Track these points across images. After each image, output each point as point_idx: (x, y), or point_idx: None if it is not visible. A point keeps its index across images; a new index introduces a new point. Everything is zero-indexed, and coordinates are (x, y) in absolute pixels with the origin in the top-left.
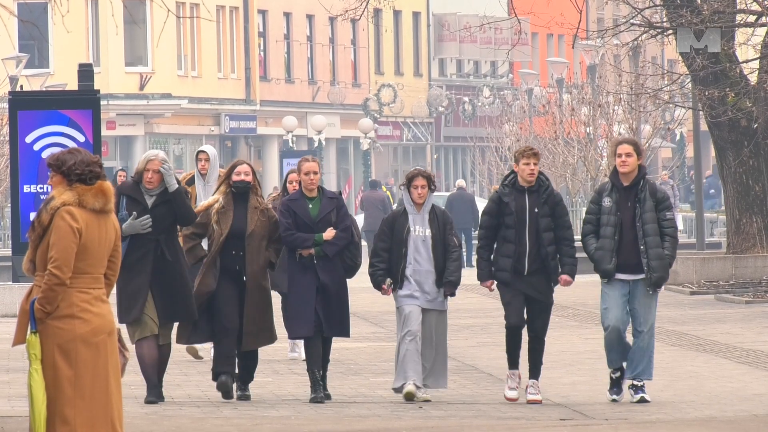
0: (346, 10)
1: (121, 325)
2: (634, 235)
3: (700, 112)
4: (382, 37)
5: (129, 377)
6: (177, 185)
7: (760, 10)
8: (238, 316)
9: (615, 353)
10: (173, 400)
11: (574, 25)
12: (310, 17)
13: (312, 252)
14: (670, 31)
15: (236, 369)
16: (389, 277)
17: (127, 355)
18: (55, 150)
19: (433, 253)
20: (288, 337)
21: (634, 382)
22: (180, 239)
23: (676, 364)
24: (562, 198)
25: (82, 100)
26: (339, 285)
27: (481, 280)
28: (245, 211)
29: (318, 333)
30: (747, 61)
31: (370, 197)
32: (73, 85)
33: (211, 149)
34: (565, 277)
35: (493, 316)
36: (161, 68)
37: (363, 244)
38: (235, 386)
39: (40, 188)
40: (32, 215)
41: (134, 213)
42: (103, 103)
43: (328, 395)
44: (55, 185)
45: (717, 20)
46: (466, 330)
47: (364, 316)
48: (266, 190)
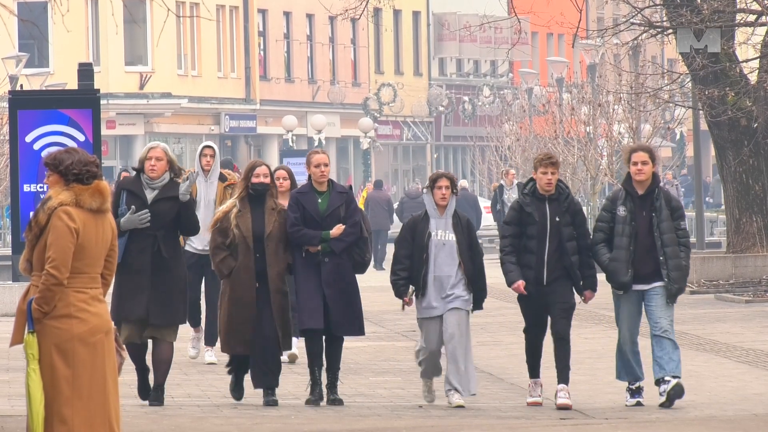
0: (346, 10)
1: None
2: (650, 243)
3: (700, 112)
4: (382, 37)
5: (129, 377)
6: (189, 197)
7: (760, 9)
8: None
9: (629, 366)
10: (173, 400)
11: (574, 24)
12: (310, 16)
13: (319, 249)
14: (670, 31)
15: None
16: (411, 285)
17: (124, 355)
18: (55, 149)
19: (461, 259)
20: (294, 336)
21: (666, 378)
22: (181, 239)
23: None
24: (582, 206)
25: (82, 100)
26: (348, 282)
27: (512, 282)
28: (263, 213)
29: (321, 330)
30: (747, 61)
31: (375, 197)
32: (73, 84)
33: (215, 146)
34: (589, 294)
35: (492, 315)
36: (161, 67)
37: None
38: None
39: (40, 187)
40: (32, 214)
41: (133, 207)
42: (103, 102)
43: (339, 400)
44: (52, 185)
45: (717, 20)
46: None
47: (365, 316)
48: None
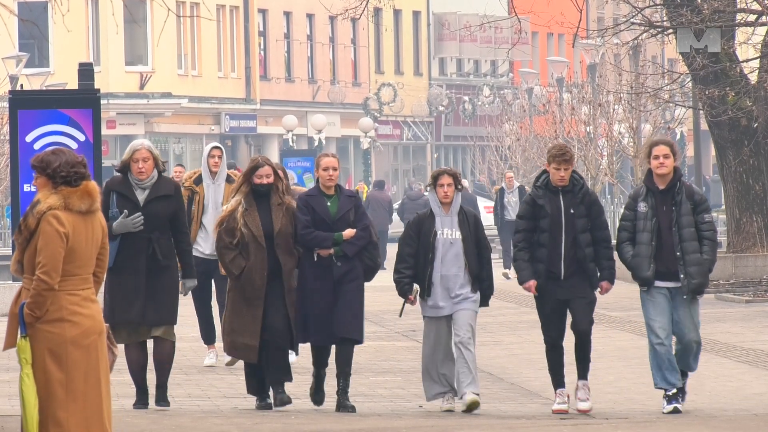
0: (346, 9)
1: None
2: (674, 239)
3: (701, 112)
4: (382, 37)
5: (129, 376)
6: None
7: (760, 9)
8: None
9: (666, 371)
10: (173, 399)
11: (575, 24)
12: (311, 16)
13: (331, 252)
14: (670, 31)
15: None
16: (416, 284)
17: (116, 352)
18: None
19: (466, 257)
20: (300, 342)
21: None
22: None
23: None
24: (598, 197)
25: (82, 99)
26: (356, 288)
27: (523, 282)
28: (269, 210)
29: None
30: (747, 61)
31: (376, 197)
32: (73, 84)
33: (222, 147)
34: (605, 285)
35: (492, 315)
36: (161, 67)
37: None
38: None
39: None
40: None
41: (125, 211)
42: (103, 102)
43: (351, 407)
44: (40, 187)
45: (717, 19)
46: None
47: (365, 315)
48: None
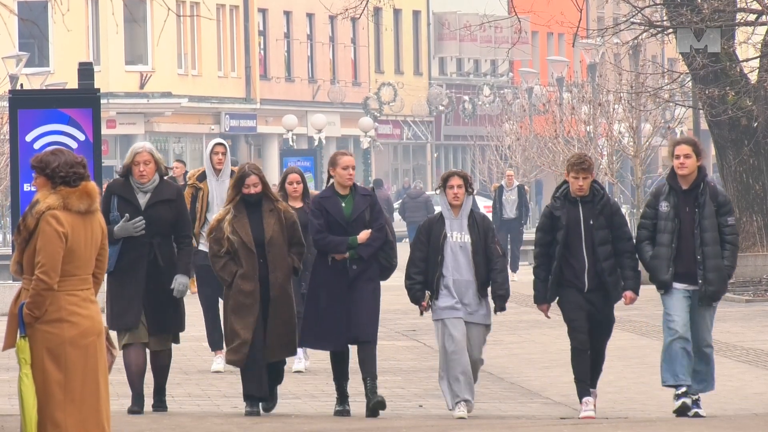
0: (346, 9)
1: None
2: (695, 243)
3: (701, 111)
4: (382, 36)
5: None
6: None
7: (761, 8)
8: (261, 328)
9: (678, 366)
10: (173, 399)
11: (575, 23)
12: (310, 16)
13: (346, 256)
14: (670, 30)
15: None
16: (427, 290)
17: (115, 353)
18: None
19: (474, 262)
20: (304, 345)
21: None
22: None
23: None
24: (620, 207)
25: (82, 99)
26: (373, 289)
27: (537, 303)
28: (260, 217)
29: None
30: (747, 60)
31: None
32: (73, 83)
33: (226, 142)
34: (630, 294)
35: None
36: (161, 67)
37: None
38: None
39: None
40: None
41: (126, 215)
42: (103, 101)
43: (380, 403)
44: (40, 187)
45: (717, 19)
46: None
47: None
48: None
